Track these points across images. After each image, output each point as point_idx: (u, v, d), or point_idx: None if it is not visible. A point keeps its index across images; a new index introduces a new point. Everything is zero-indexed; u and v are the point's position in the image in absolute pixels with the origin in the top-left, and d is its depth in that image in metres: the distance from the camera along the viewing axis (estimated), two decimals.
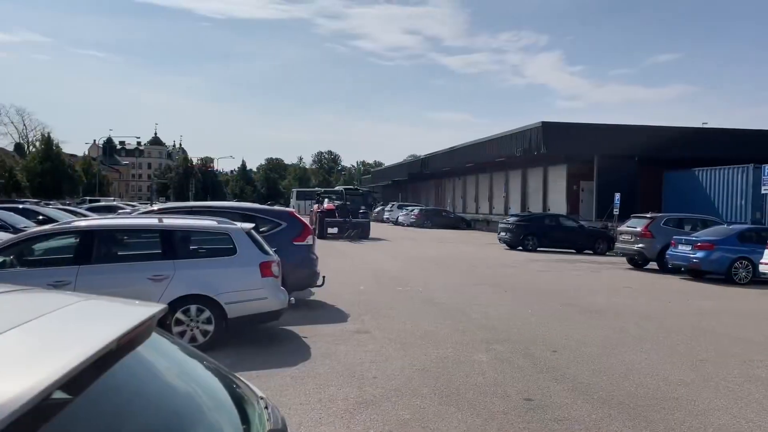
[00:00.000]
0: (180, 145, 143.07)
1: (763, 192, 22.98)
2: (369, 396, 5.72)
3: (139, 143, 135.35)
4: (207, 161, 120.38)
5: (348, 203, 31.75)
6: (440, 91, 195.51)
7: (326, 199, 33.00)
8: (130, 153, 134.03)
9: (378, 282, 14.04)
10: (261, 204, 22.28)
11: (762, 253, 14.21)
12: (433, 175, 58.48)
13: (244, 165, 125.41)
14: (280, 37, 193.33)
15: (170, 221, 7.93)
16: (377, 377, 6.34)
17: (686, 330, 9.30)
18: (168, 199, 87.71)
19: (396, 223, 48.36)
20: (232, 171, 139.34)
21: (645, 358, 7.47)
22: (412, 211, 46.95)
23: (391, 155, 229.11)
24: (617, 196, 27.19)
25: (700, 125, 37.87)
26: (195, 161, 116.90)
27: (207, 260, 7.75)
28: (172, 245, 7.57)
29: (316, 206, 32.72)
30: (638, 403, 5.70)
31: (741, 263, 15.53)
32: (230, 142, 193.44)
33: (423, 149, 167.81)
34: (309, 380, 6.19)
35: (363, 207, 32.56)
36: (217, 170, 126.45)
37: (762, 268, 14.13)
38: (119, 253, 7.97)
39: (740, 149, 31.30)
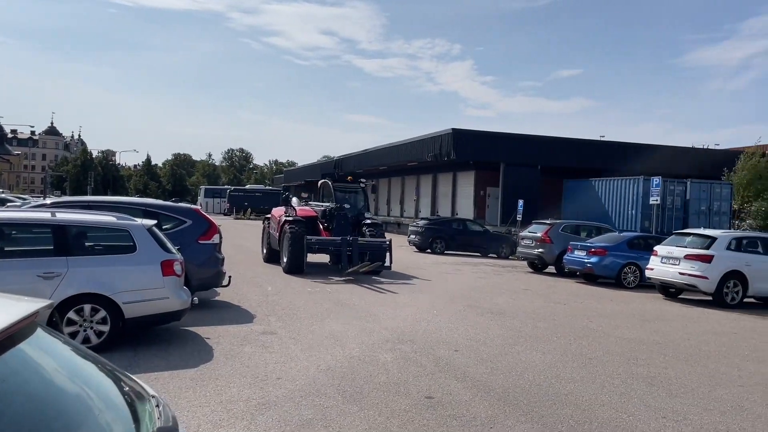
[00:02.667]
0: (79, 136, 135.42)
1: (651, 202, 24.74)
2: (272, 397, 5.67)
3: (33, 132, 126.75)
4: (108, 154, 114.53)
5: (346, 205, 17.27)
6: (355, 94, 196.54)
7: (295, 198, 18.94)
8: (22, 143, 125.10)
9: (288, 283, 13.90)
10: (166, 201, 21.18)
11: (648, 260, 15.30)
12: (348, 176, 58.52)
13: (148, 160, 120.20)
14: (192, 29, 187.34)
15: (64, 216, 7.50)
16: (281, 378, 6.30)
17: (578, 330, 9.86)
18: (64, 193, 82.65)
19: None
20: (135, 166, 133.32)
21: (540, 356, 7.86)
22: None
23: (305, 155, 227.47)
24: (521, 202, 28.38)
25: (598, 138, 40.29)
26: (95, 154, 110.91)
27: (104, 257, 7.40)
28: (66, 241, 7.16)
29: (276, 212, 17.81)
30: (532, 399, 6.00)
31: (630, 268, 16.64)
32: (134, 136, 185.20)
33: (337, 150, 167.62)
34: (210, 382, 6.05)
35: (367, 211, 18.48)
36: (119, 164, 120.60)
37: (648, 273, 15.21)
38: (6, 249, 7.45)
39: (633, 162, 33.59)
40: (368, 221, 17.34)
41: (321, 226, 16.76)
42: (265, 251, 18.41)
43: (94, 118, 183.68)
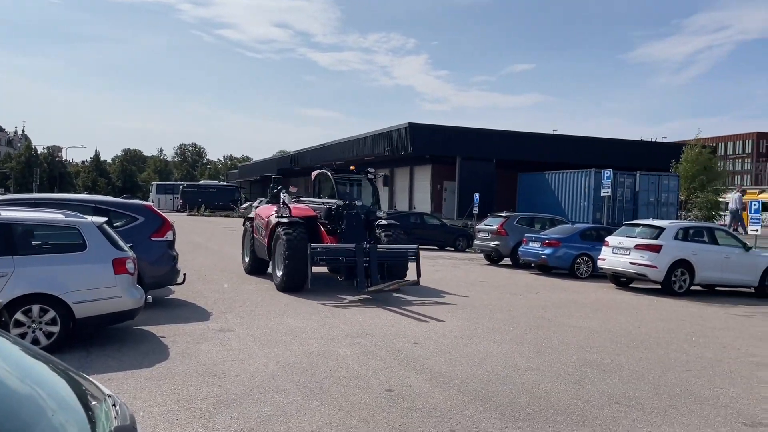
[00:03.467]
0: (23, 132, 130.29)
1: (602, 194, 25.41)
2: (230, 394, 5.60)
3: None
4: (54, 150, 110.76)
5: (357, 202, 13.50)
6: (311, 88, 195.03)
7: (285, 193, 13.83)
8: None
9: (245, 279, 13.73)
10: (116, 197, 20.38)
11: (600, 250, 15.71)
12: (304, 172, 58.16)
13: (97, 155, 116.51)
14: (140, 21, 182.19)
15: (9, 214, 7.22)
16: (240, 375, 6.22)
17: (533, 321, 10.06)
18: (8, 191, 79.55)
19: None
20: (83, 162, 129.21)
21: (497, 347, 7.99)
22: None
23: (260, 150, 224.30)
24: (477, 196, 28.76)
25: (551, 132, 41.13)
26: (40, 150, 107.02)
27: (52, 256, 7.15)
28: (12, 240, 6.90)
29: (263, 212, 13.99)
30: (490, 389, 6.09)
31: (582, 259, 17.05)
32: (82, 131, 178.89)
33: (293, 145, 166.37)
34: (166, 381, 5.93)
35: (378, 209, 14.24)
36: (66, 160, 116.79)
37: (600, 264, 15.62)
38: None
39: (585, 155, 34.45)
40: (383, 221, 13.21)
41: (323, 230, 12.78)
42: (247, 260, 14.42)
43: (38, 113, 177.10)
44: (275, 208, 13.23)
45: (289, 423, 4.96)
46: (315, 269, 11.85)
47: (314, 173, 15.39)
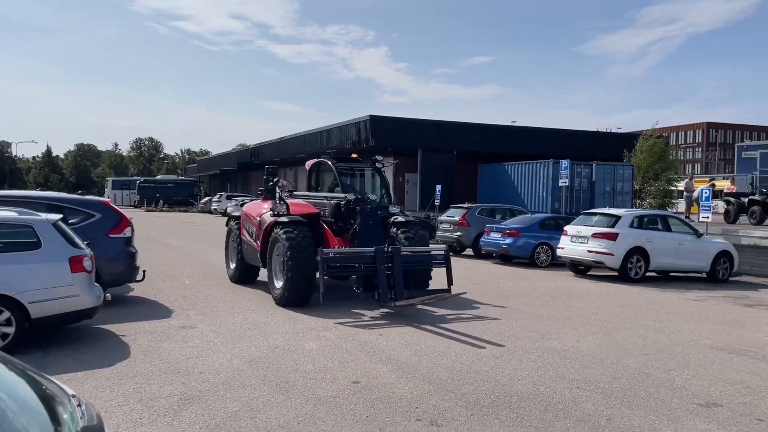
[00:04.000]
0: None
1: (560, 184, 25.91)
2: (195, 391, 5.54)
3: None
4: (3, 146, 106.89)
5: (372, 196, 11.46)
6: (270, 80, 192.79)
7: (278, 186, 11.09)
8: None
9: (207, 275, 13.55)
10: (71, 194, 19.75)
11: (559, 239, 16.03)
12: (264, 165, 57.57)
13: (49, 151, 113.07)
14: (93, 11, 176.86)
15: None
16: (204, 372, 6.15)
17: (496, 310, 10.21)
18: None
19: (225, 214, 46.80)
20: (34, 157, 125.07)
21: (461, 337, 8.09)
22: (243, 201, 45.82)
23: (219, 144, 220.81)
24: (438, 187, 28.95)
25: (510, 123, 41.66)
26: None
27: (5, 255, 6.91)
28: None
29: (253, 209, 11.83)
30: (454, 378, 6.17)
31: (542, 248, 17.36)
32: (32, 126, 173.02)
33: (252, 138, 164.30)
34: (128, 380, 5.83)
35: (392, 205, 12.30)
36: (16, 156, 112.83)
37: (559, 252, 15.94)
38: None
39: (543, 146, 35.02)
40: (399, 218, 11.01)
41: (328, 230, 10.59)
42: (233, 267, 12.35)
43: None
44: (266, 205, 11.14)
45: (255, 418, 4.93)
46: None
47: (309, 163, 12.99)
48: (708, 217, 17.49)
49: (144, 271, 10.11)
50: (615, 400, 5.64)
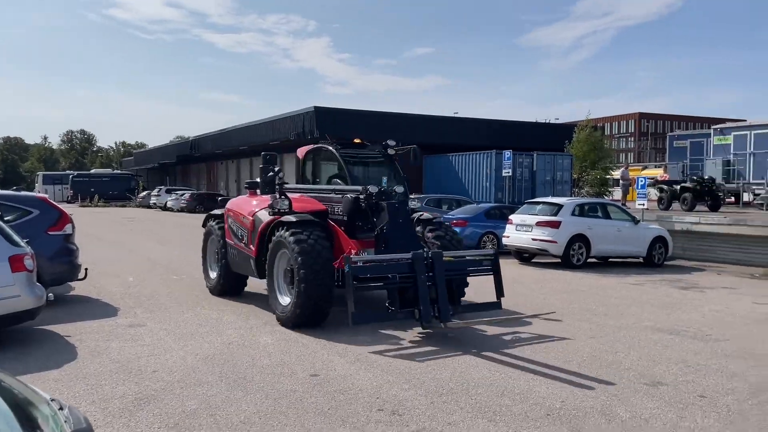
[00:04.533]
0: None
1: (503, 174, 26.46)
2: (150, 391, 5.40)
3: None
4: None
5: (398, 188, 8.69)
6: (208, 70, 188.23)
7: (278, 177, 9.03)
8: None
9: (151, 271, 13.17)
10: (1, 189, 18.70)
11: (504, 228, 16.38)
12: (205, 158, 56.29)
13: None
14: None
15: None
16: (157, 371, 6.00)
17: None
18: None
19: (165, 208, 45.71)
20: None
21: (416, 328, 8.16)
22: (183, 195, 44.75)
23: (156, 136, 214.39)
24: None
25: (453, 114, 42.16)
26: None
27: None
28: None
29: (242, 206, 9.77)
30: (412, 368, 6.24)
31: (488, 237, 17.70)
32: None
33: (192, 130, 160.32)
34: (78, 381, 5.62)
35: (411, 200, 10.88)
36: None
37: (505, 241, 16.29)
38: None
39: (485, 137, 35.64)
40: (424, 216, 9.41)
41: (340, 231, 8.52)
42: (214, 276, 10.24)
43: None
44: (256, 201, 9.43)
45: (215, 416, 4.85)
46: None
47: (303, 150, 10.60)
48: (644, 204, 18.24)
49: (86, 269, 9.74)
50: (567, 384, 5.83)
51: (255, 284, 10.12)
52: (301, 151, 10.69)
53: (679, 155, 32.21)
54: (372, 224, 8.39)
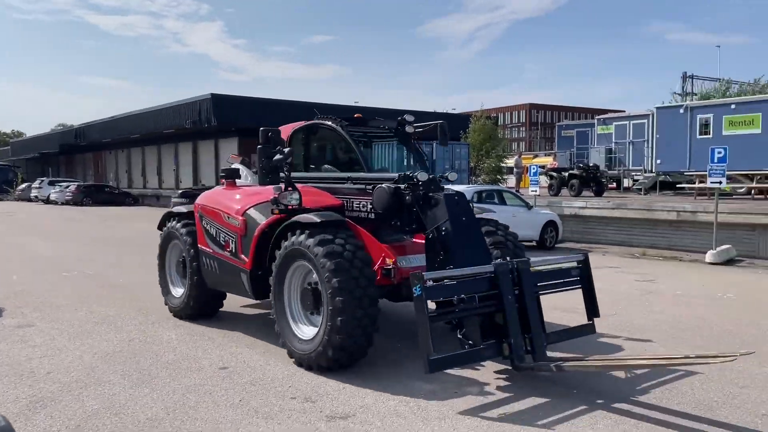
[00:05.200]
0: None
1: (405, 163, 26.88)
2: (45, 393, 5.09)
3: None
4: None
5: (452, 174, 7.25)
6: (92, 54, 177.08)
7: (287, 161, 6.40)
8: None
9: (38, 269, 12.31)
10: None
11: None
12: (92, 147, 52.97)
13: None
14: None
15: None
16: (52, 372, 5.67)
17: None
18: None
19: (48, 201, 42.69)
20: None
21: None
22: (68, 187, 41.97)
23: (35, 124, 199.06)
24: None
25: (353, 104, 42.26)
26: None
27: None
28: None
29: (222, 201, 7.29)
30: None
31: None
32: None
33: (76, 118, 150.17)
34: None
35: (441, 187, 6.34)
36: None
37: None
38: None
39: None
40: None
41: (364, 232, 6.35)
42: (181, 293, 7.98)
43: None
44: (239, 193, 7.25)
45: (120, 414, 4.67)
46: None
47: (288, 129, 7.94)
48: (536, 191, 19.24)
49: None
50: None
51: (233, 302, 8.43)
52: (286, 129, 7.98)
53: (567, 144, 34.12)
54: (415, 223, 6.19)
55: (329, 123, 7.69)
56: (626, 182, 28.53)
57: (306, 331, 5.91)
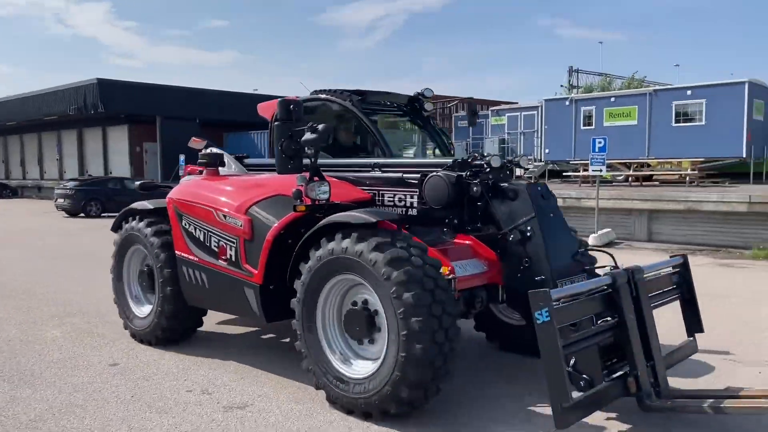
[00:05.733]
0: None
1: None
2: None
3: None
4: None
5: (524, 158, 6.05)
6: None
7: (312, 143, 4.79)
8: None
9: None
10: None
11: None
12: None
13: None
14: None
15: None
16: None
17: None
18: None
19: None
20: None
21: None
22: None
23: None
24: (182, 157, 27.64)
25: (252, 91, 41.38)
26: None
27: None
28: None
29: (190, 191, 6.00)
30: (226, 346, 6.20)
31: None
32: None
33: None
34: None
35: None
36: None
37: None
38: None
39: None
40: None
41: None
42: (145, 312, 6.38)
43: None
44: (232, 186, 5.83)
45: None
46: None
47: (274, 107, 5.34)
48: None
49: None
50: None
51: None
52: (269, 109, 6.36)
53: (463, 135, 35.25)
54: (479, 221, 5.03)
55: (337, 99, 6.23)
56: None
57: (358, 368, 4.48)
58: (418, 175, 5.21)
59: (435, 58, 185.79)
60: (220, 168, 6.54)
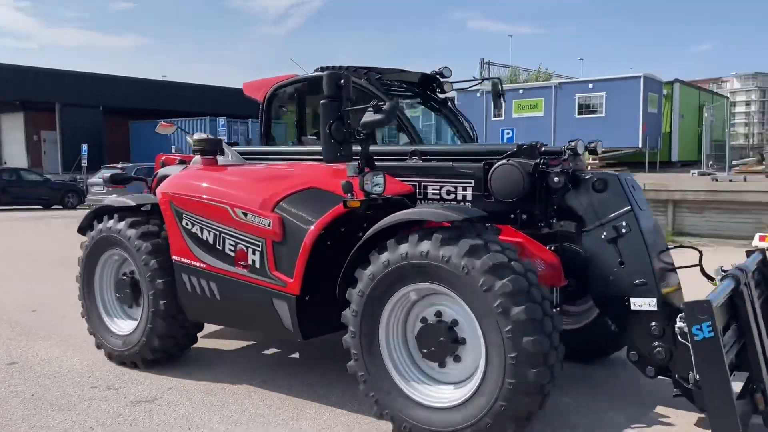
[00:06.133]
0: None
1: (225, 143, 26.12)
2: None
3: None
4: None
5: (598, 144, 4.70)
6: None
7: (370, 124, 4.05)
8: None
9: None
10: None
11: None
12: None
13: None
14: None
15: None
16: None
17: None
18: None
19: None
20: None
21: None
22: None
23: None
24: (84, 147, 26.42)
25: (161, 77, 39.85)
26: None
27: None
28: None
29: (183, 182, 4.99)
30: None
31: None
32: None
33: None
34: None
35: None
36: None
37: None
38: None
39: (198, 103, 34.57)
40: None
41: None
42: (137, 328, 5.17)
43: None
44: (242, 178, 4.92)
45: None
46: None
47: (269, 85, 6.10)
48: None
49: None
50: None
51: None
52: (261, 88, 6.05)
53: None
54: (557, 217, 4.35)
55: (352, 77, 4.63)
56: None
57: (441, 394, 3.70)
58: (475, 164, 4.43)
59: (351, 47, 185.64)
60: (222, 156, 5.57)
